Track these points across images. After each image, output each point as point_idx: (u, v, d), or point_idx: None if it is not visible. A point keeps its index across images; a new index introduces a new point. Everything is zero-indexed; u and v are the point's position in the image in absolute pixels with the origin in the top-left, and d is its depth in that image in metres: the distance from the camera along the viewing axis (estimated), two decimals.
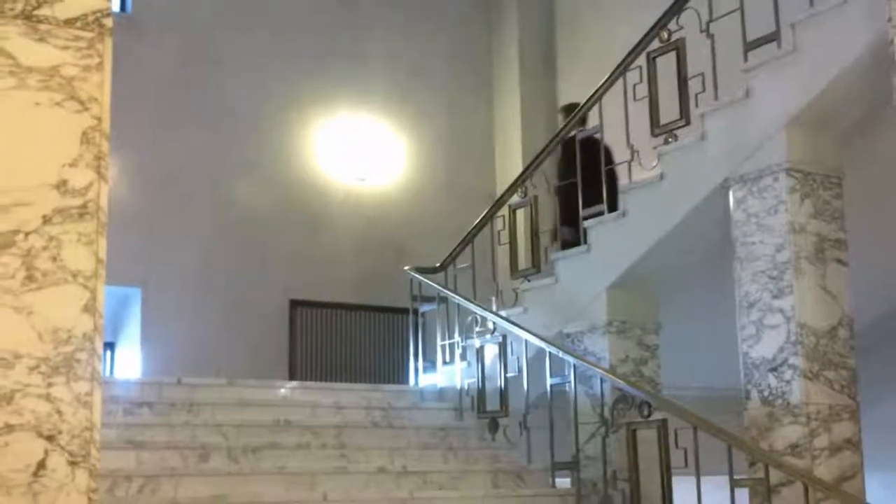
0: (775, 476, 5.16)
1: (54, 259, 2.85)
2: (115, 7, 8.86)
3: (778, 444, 5.44)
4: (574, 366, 6.22)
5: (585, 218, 6.90)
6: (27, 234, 2.82)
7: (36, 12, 2.93)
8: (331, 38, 10.34)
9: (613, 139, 6.79)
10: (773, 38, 5.76)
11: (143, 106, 8.96)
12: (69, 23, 2.97)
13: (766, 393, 5.54)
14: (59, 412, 2.78)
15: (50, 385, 2.78)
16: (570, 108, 8.25)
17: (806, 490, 4.93)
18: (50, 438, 2.76)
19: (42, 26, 2.93)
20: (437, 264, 7.79)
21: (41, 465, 2.75)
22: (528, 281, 7.33)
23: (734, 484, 5.19)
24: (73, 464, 2.79)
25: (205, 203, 9.54)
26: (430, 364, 7.65)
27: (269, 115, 9.96)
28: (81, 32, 2.99)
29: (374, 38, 10.58)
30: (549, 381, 6.32)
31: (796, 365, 5.42)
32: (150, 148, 9.22)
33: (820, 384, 5.44)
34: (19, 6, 2.91)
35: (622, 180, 6.70)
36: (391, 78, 10.62)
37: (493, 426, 6.75)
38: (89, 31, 3.00)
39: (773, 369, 5.52)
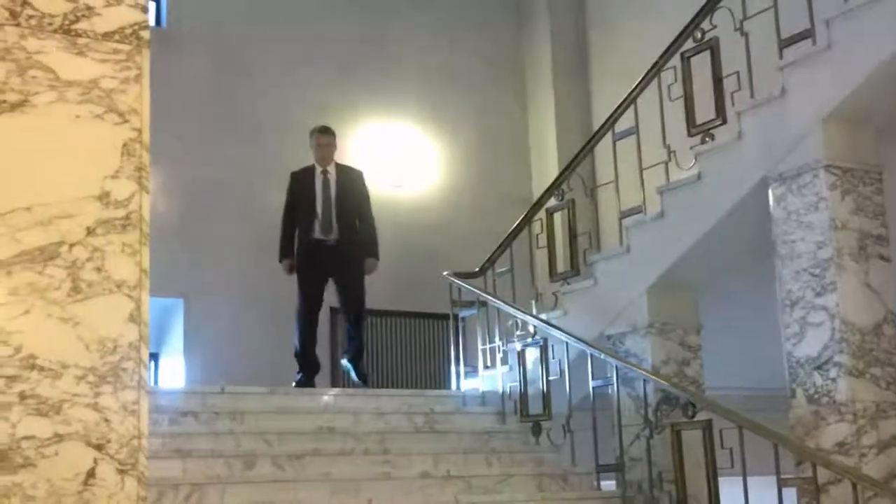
0: (823, 475, 5.12)
1: (99, 270, 2.87)
2: (150, 22, 8.93)
3: (825, 443, 5.39)
4: (616, 368, 6.20)
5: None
6: (71, 245, 2.85)
7: (74, 26, 2.96)
8: (362, 45, 10.36)
9: (649, 139, 6.76)
10: (808, 34, 5.73)
11: (179, 119, 9.01)
12: (107, 36, 3.00)
13: (811, 391, 5.50)
14: (107, 421, 2.80)
15: (97, 394, 2.80)
16: (323, 129, 8.16)
17: (855, 488, 4.88)
18: (99, 447, 2.78)
19: (80, 40, 2.96)
20: (476, 269, 7.79)
21: (91, 473, 2.77)
22: (568, 284, 7.32)
23: (782, 483, 5.15)
24: (122, 472, 2.81)
25: (242, 213, 9.58)
26: (472, 369, 7.65)
27: (303, 123, 9.94)
28: (119, 45, 3.01)
29: (405, 43, 10.60)
30: (591, 384, 6.30)
31: (841, 362, 5.38)
32: (187, 160, 9.28)
33: (866, 381, 5.40)
34: (58, 21, 2.94)
35: (660, 181, 6.67)
36: (424, 83, 10.63)
37: (537, 429, 6.74)
38: (127, 43, 3.02)
39: (818, 367, 5.48)
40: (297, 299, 7.89)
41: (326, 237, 7.75)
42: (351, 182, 7.99)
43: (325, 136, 8.09)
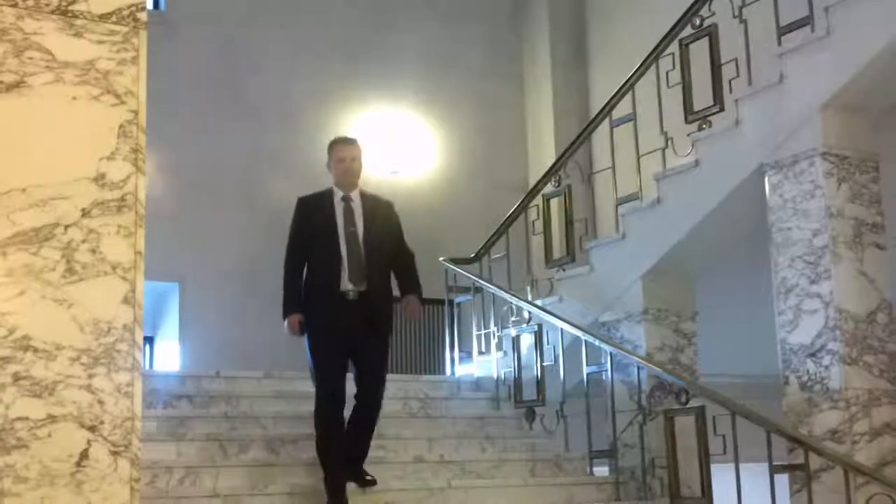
0: (815, 462, 5.14)
1: (94, 251, 2.87)
2: (149, 5, 8.90)
3: (817, 430, 5.41)
4: (611, 354, 6.21)
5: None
6: (67, 227, 2.85)
7: (71, 7, 2.96)
8: (362, 32, 10.34)
9: (647, 126, 6.75)
10: (807, 21, 5.73)
11: (178, 103, 8.99)
12: (104, 17, 3.00)
13: (804, 378, 5.51)
14: (100, 402, 2.81)
15: (91, 376, 2.81)
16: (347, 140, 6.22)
17: (846, 475, 4.90)
18: (92, 429, 2.79)
19: (77, 21, 2.96)
20: (472, 255, 7.79)
21: (84, 455, 2.78)
22: (563, 270, 7.32)
23: (774, 470, 5.16)
24: (115, 453, 2.81)
25: (240, 198, 9.57)
26: (466, 354, 7.66)
27: (302, 109, 9.98)
28: (116, 27, 3.01)
29: (405, 31, 10.57)
30: (585, 370, 6.32)
31: (835, 350, 5.40)
32: (185, 145, 9.26)
33: (859, 369, 5.41)
34: (55, 2, 2.94)
35: (657, 168, 6.67)
36: (423, 70, 10.60)
37: (530, 415, 6.76)
38: (124, 25, 3.02)
39: (812, 355, 5.49)
40: (314, 381, 5.63)
41: (354, 288, 5.62)
42: (383, 218, 5.99)
43: (349, 148, 6.02)
